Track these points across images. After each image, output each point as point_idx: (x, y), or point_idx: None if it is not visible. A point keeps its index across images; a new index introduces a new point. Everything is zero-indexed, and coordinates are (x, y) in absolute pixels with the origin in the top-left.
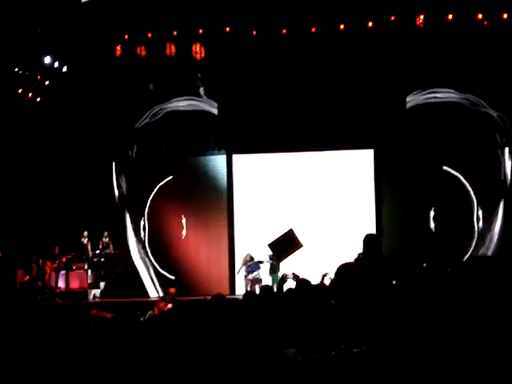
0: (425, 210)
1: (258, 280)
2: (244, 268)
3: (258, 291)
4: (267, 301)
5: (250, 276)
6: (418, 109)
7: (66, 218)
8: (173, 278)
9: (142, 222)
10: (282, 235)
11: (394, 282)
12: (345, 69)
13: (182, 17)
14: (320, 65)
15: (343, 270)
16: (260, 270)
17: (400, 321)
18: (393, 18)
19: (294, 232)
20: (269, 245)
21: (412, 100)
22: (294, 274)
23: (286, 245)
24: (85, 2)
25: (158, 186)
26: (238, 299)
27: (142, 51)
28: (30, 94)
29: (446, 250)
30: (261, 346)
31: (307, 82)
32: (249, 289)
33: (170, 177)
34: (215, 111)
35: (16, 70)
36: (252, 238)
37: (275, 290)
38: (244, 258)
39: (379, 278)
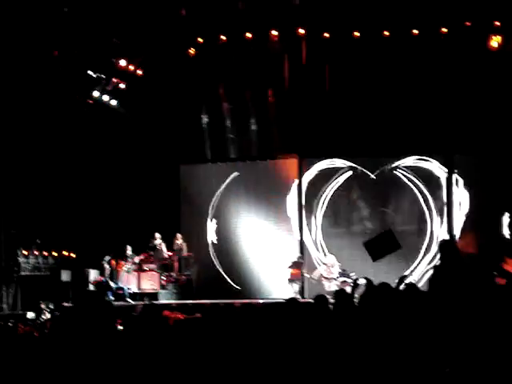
0: (498, 215)
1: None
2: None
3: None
4: (342, 305)
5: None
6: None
7: (138, 219)
8: (238, 288)
9: (211, 225)
10: (380, 235)
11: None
12: (416, 75)
13: (256, 18)
14: (392, 69)
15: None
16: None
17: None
18: (468, 23)
19: (393, 232)
20: (364, 243)
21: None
22: (366, 278)
23: (382, 245)
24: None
25: (223, 188)
26: (310, 302)
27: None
28: (107, 97)
29: None
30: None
31: (380, 88)
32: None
33: (234, 175)
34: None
35: (90, 72)
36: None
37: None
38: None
39: (459, 283)
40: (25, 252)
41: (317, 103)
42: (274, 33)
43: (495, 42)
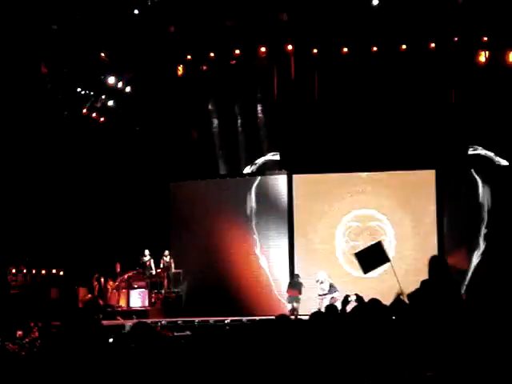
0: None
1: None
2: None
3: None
4: (333, 321)
5: (335, 295)
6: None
7: (127, 236)
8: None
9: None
10: (370, 247)
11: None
12: (404, 88)
13: (242, 35)
14: (379, 84)
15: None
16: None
17: (469, 343)
18: (456, 38)
19: (383, 245)
20: (355, 254)
21: None
22: (356, 295)
23: (373, 257)
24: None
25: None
26: (302, 320)
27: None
28: (94, 114)
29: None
30: (328, 368)
31: (367, 103)
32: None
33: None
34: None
35: (79, 90)
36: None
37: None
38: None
39: (445, 298)
40: (13, 270)
41: (306, 117)
42: (263, 49)
43: (483, 57)
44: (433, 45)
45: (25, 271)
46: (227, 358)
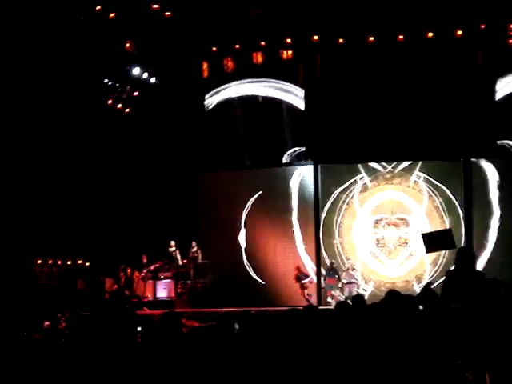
0: None
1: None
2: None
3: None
4: (360, 311)
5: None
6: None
7: (154, 227)
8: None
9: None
10: (439, 230)
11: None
12: (431, 77)
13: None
14: (406, 73)
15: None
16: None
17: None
18: (483, 25)
19: (452, 232)
20: (422, 234)
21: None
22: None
23: (439, 240)
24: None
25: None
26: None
27: (228, 62)
28: (120, 105)
29: None
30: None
31: (395, 92)
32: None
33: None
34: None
35: (106, 80)
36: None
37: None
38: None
39: (470, 290)
40: (39, 261)
41: (332, 108)
42: (288, 40)
43: None
44: (460, 32)
45: (51, 262)
46: (252, 347)
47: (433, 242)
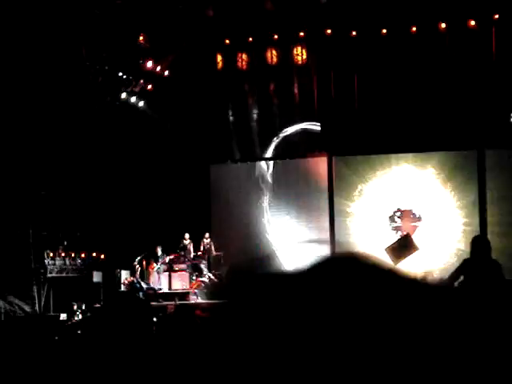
0: None
1: None
2: None
3: None
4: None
5: None
6: None
7: (168, 220)
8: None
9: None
10: (398, 240)
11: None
12: (445, 69)
13: (281, 20)
14: (420, 64)
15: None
16: None
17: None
18: (496, 16)
19: (411, 236)
20: (385, 249)
21: None
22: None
23: (402, 249)
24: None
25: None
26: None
27: (242, 56)
28: (133, 99)
29: None
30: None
31: (408, 83)
32: None
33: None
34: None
35: (120, 74)
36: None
37: None
38: None
39: (486, 279)
40: (51, 254)
41: (346, 100)
42: (301, 34)
43: None
44: (473, 23)
45: (63, 255)
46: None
47: (396, 252)
